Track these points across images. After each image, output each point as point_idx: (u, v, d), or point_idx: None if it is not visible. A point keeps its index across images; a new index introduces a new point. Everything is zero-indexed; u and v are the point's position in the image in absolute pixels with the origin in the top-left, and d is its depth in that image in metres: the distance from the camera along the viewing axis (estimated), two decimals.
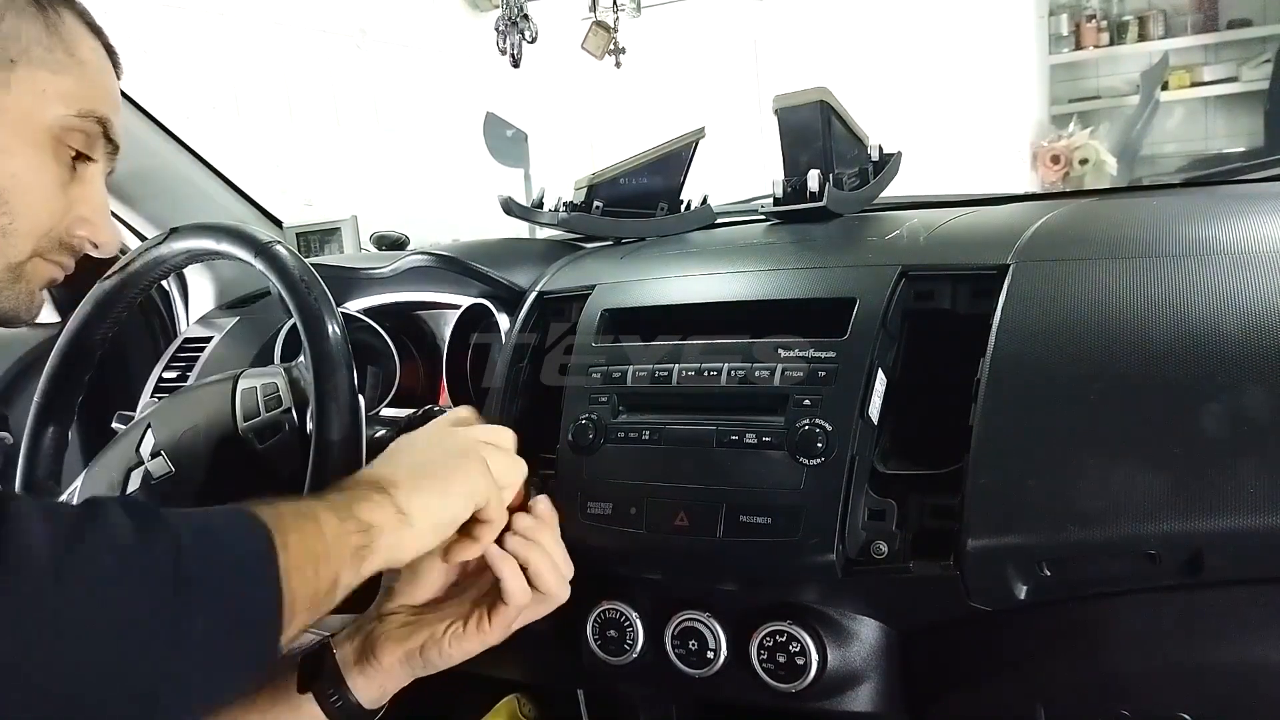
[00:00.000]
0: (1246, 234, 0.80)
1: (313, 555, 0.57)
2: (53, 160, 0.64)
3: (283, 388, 0.83)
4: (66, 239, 0.67)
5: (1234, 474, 0.65)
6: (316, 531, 0.58)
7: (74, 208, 0.66)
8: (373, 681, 0.72)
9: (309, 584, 0.56)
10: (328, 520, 0.59)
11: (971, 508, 0.72)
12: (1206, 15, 4.06)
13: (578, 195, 1.18)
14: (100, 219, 0.67)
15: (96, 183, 0.67)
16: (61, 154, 0.64)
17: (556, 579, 0.73)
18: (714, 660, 0.83)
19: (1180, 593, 0.71)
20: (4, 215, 0.62)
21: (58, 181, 0.64)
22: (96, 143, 0.66)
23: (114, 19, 0.74)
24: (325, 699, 0.71)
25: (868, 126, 1.17)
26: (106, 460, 0.87)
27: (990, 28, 3.92)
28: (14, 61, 0.61)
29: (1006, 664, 0.78)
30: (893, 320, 0.82)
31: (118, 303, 0.91)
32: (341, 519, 0.59)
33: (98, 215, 0.67)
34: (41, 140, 0.63)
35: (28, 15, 0.62)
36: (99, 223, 0.67)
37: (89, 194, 0.67)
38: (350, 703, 0.72)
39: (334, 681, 0.72)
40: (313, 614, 0.57)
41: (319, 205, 2.14)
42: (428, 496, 0.64)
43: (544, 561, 0.72)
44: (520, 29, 1.40)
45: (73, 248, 0.67)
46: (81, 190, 0.66)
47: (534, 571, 0.72)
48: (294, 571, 0.55)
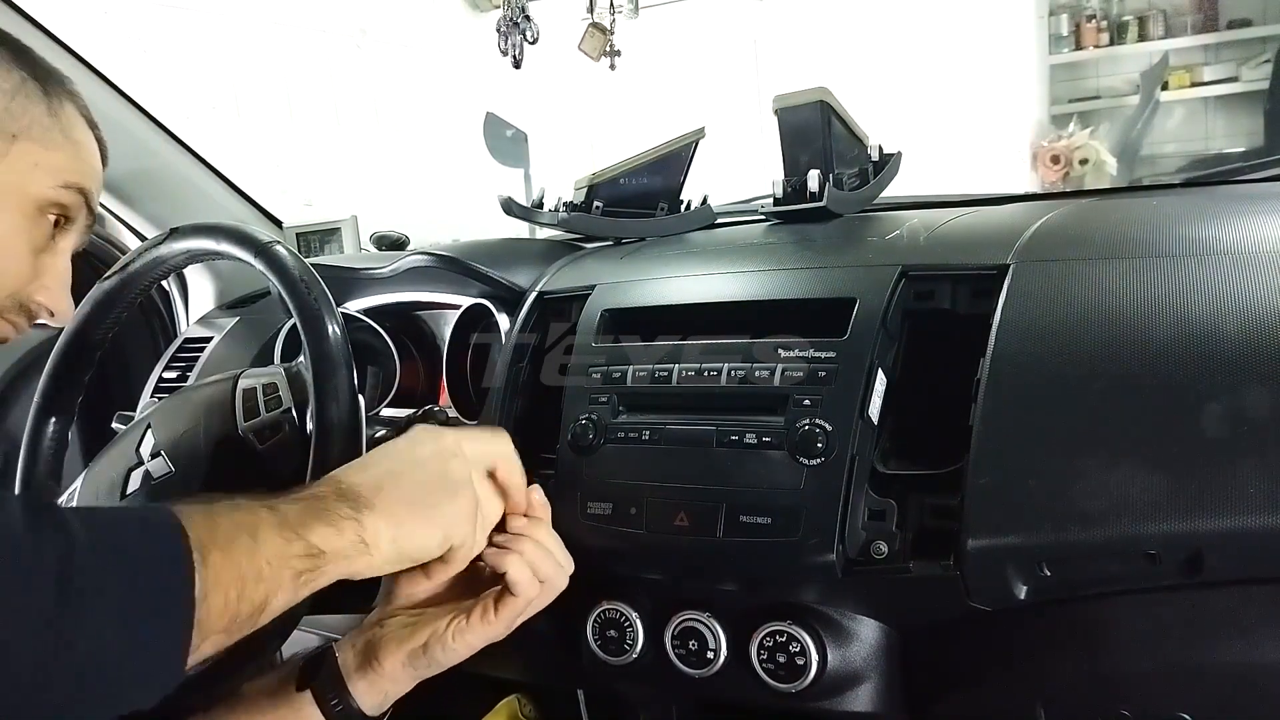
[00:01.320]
0: (1246, 234, 0.80)
1: (238, 576, 0.53)
2: (32, 227, 0.68)
3: (283, 387, 0.83)
4: (26, 302, 0.70)
5: (1234, 474, 0.65)
6: (250, 549, 0.54)
7: (40, 275, 0.70)
8: (375, 687, 0.72)
9: (228, 606, 0.53)
10: (268, 540, 0.56)
11: (971, 508, 0.72)
12: (1206, 15, 4.06)
13: (578, 195, 1.18)
14: (60, 290, 0.72)
15: (64, 257, 0.72)
16: (41, 223, 0.69)
17: (553, 566, 0.73)
18: (714, 660, 0.83)
19: (1180, 593, 0.70)
20: None
21: (32, 248, 0.69)
22: (79, 212, 0.71)
23: (114, 19, 0.75)
24: (326, 703, 0.71)
25: (868, 126, 1.17)
26: (106, 460, 0.87)
27: (990, 28, 3.92)
28: (15, 136, 0.66)
29: (1006, 664, 0.78)
30: (893, 320, 0.82)
31: (118, 303, 0.91)
32: (287, 539, 0.56)
33: (58, 286, 0.71)
34: (27, 208, 0.67)
35: (35, 98, 0.67)
36: (58, 293, 0.71)
37: (56, 265, 0.71)
38: (351, 708, 0.71)
39: (335, 686, 0.71)
40: (230, 636, 0.54)
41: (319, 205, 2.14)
42: (401, 528, 0.62)
43: (538, 552, 0.72)
44: (522, 29, 1.40)
45: (29, 311, 0.71)
46: (51, 261, 0.70)
47: (535, 564, 0.72)
48: (212, 591, 0.52)
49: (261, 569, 0.55)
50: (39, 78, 0.68)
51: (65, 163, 0.69)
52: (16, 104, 0.66)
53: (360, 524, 0.60)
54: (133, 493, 0.81)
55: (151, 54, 2.86)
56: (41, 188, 0.68)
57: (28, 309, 0.71)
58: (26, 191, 0.67)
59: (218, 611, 0.52)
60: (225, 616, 0.53)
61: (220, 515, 0.55)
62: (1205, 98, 4.09)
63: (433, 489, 0.65)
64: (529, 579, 0.71)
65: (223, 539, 0.54)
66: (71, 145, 0.70)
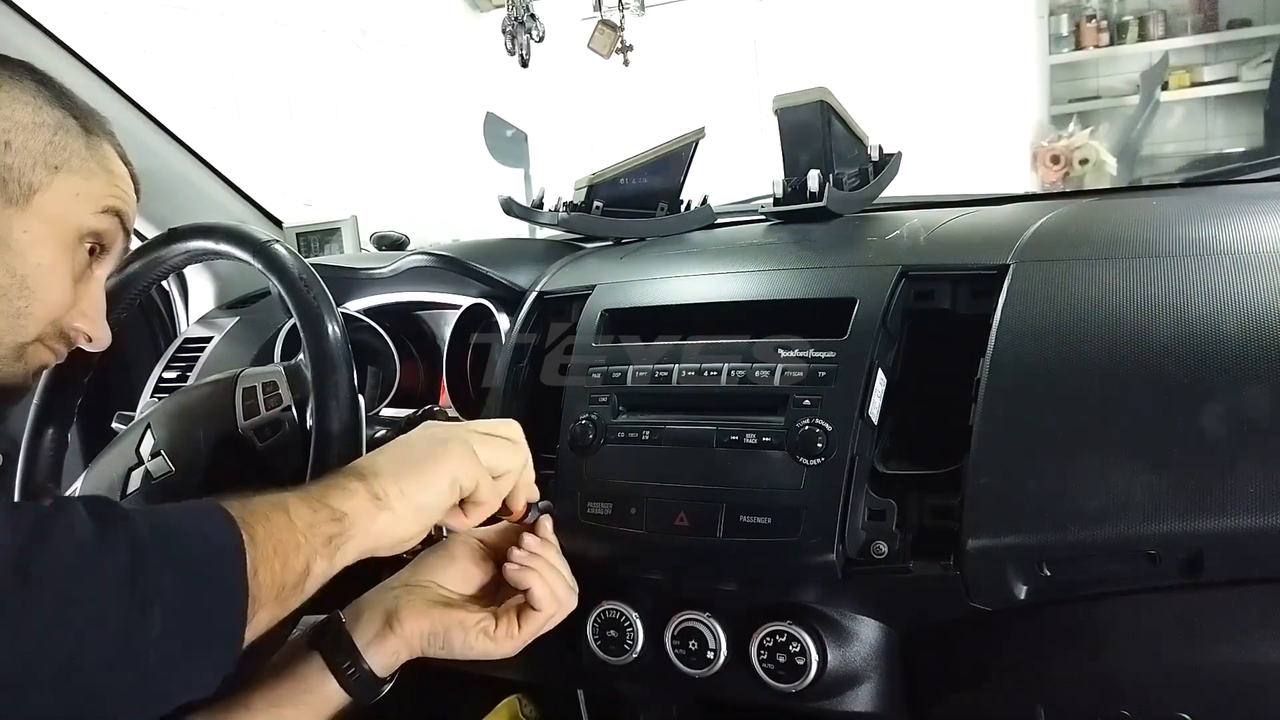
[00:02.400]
0: (1246, 234, 0.80)
1: (281, 547, 0.58)
2: (72, 256, 0.73)
3: (283, 385, 0.83)
4: (66, 329, 0.74)
5: (1234, 474, 0.65)
6: (285, 522, 0.59)
7: (79, 302, 0.74)
8: (387, 648, 0.73)
9: (276, 577, 0.57)
10: (298, 510, 0.60)
11: (971, 508, 0.72)
12: (1206, 15, 4.05)
13: (578, 195, 1.18)
14: (97, 316, 0.76)
15: (100, 284, 0.76)
16: (80, 252, 0.73)
17: (565, 588, 0.76)
18: (714, 660, 0.83)
19: (1180, 593, 0.71)
20: (23, 299, 0.70)
21: (72, 276, 0.73)
22: (115, 238, 0.76)
23: (114, 19, 0.76)
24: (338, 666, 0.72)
25: (868, 126, 1.17)
26: (106, 460, 0.87)
27: (990, 28, 3.92)
28: (57, 168, 0.71)
29: (1006, 664, 0.78)
30: (893, 320, 0.82)
31: (118, 303, 0.91)
32: (313, 509, 0.61)
33: (95, 312, 0.76)
34: (68, 238, 0.72)
35: (74, 134, 0.73)
36: (95, 319, 0.75)
37: (93, 292, 0.75)
38: (364, 670, 0.72)
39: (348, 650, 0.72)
40: (281, 608, 0.59)
41: (319, 205, 2.14)
42: (406, 482, 0.66)
43: (552, 574, 0.75)
44: (528, 29, 1.40)
45: (68, 339, 0.75)
46: (87, 288, 0.75)
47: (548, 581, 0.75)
48: (261, 565, 0.56)
49: (299, 537, 0.59)
50: (77, 115, 0.74)
51: (103, 189, 0.74)
52: (58, 139, 0.71)
53: (369, 485, 0.65)
54: (133, 493, 0.81)
55: (151, 54, 2.86)
56: (82, 215, 0.72)
57: (66, 336, 0.75)
58: (69, 221, 0.72)
59: (268, 584, 0.57)
60: (274, 587, 0.57)
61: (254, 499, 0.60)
62: (1205, 98, 4.08)
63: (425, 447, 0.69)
64: (550, 595, 0.74)
65: (261, 516, 0.58)
66: (108, 174, 0.74)
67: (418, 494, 0.66)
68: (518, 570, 0.74)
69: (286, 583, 0.58)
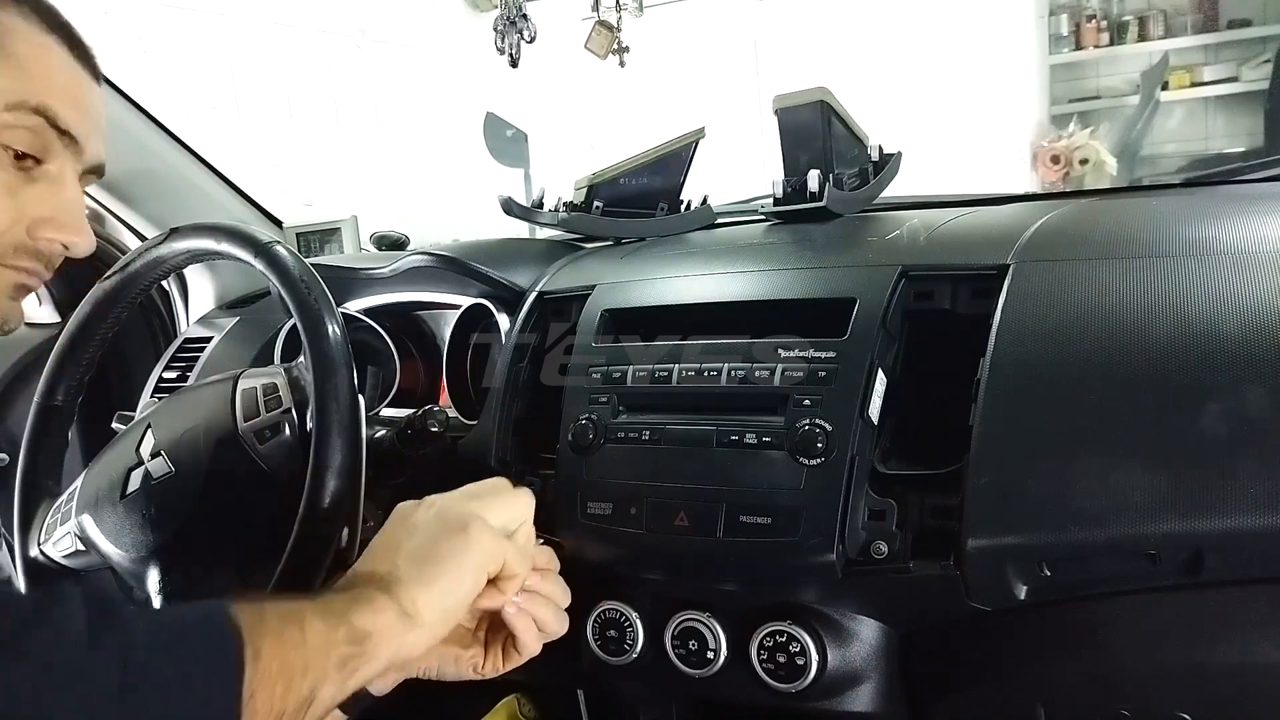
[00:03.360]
0: (1246, 234, 0.80)
1: (287, 668, 0.53)
2: None
3: (283, 388, 0.83)
4: (30, 244, 0.63)
5: (1234, 474, 0.65)
6: (298, 639, 0.54)
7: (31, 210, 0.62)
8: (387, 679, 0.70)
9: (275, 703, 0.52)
10: (314, 626, 0.55)
11: (971, 508, 0.72)
12: (1206, 15, 4.06)
13: (578, 195, 1.18)
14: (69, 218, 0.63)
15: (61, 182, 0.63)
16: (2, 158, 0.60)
17: (559, 623, 0.73)
18: (714, 660, 0.83)
19: (1180, 593, 0.71)
20: None
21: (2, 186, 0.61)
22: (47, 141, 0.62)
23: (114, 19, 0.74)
24: None
25: (868, 126, 1.17)
26: (106, 460, 0.87)
27: (990, 28, 3.92)
28: None
29: (1006, 664, 0.78)
30: (893, 320, 0.82)
31: (118, 303, 0.91)
32: (331, 626, 0.56)
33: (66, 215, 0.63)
34: None
35: None
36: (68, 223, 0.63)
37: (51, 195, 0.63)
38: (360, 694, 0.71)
39: None
40: None
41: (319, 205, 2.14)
42: (435, 587, 0.61)
43: (548, 611, 0.72)
44: (519, 29, 1.40)
45: (39, 252, 0.63)
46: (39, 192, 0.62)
47: (541, 621, 0.72)
48: (260, 689, 0.51)
49: (308, 661, 0.54)
50: None
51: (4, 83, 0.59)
52: None
53: (396, 599, 0.60)
54: (133, 492, 0.81)
55: (151, 54, 2.86)
56: None
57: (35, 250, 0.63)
58: None
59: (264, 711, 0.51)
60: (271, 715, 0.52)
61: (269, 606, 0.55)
62: (1205, 98, 4.08)
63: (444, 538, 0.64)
64: (535, 640, 0.71)
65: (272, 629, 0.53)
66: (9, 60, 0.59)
67: (447, 598, 0.62)
68: (514, 615, 0.70)
69: (286, 710, 0.53)
